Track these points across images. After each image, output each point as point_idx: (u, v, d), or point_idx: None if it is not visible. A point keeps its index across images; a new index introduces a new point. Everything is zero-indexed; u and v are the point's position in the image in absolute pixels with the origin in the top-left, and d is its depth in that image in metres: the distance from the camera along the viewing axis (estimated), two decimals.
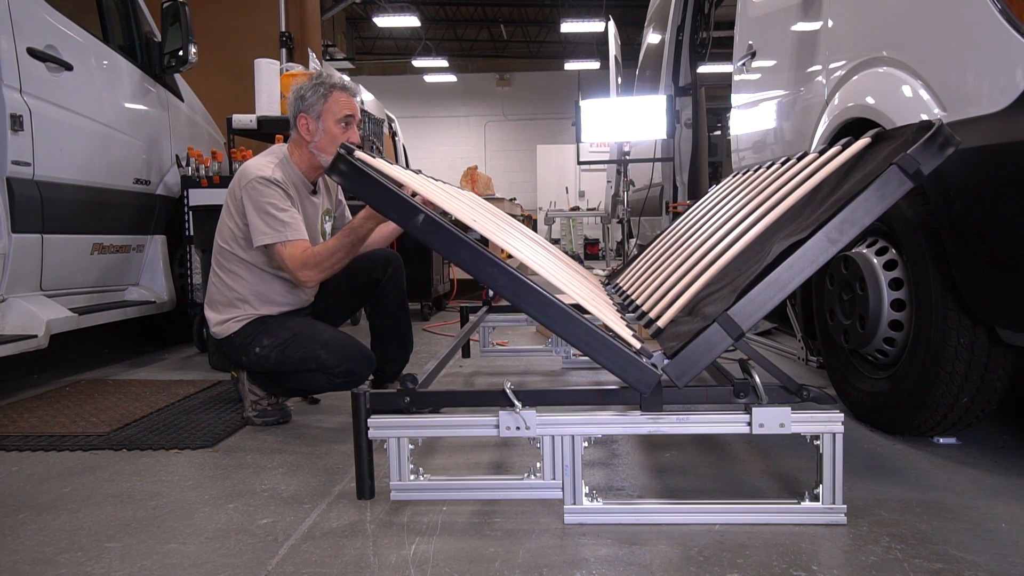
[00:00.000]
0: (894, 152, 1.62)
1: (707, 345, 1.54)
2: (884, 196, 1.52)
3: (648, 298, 2.19)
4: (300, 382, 2.42)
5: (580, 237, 14.02)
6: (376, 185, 1.67)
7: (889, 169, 1.52)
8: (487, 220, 2.02)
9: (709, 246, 2.06)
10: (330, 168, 1.74)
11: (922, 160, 1.52)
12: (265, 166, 2.36)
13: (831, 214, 1.55)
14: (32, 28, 2.98)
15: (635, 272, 2.90)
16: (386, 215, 1.73)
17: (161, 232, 3.94)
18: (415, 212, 1.63)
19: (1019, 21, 1.67)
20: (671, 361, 1.56)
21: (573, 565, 1.42)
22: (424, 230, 1.62)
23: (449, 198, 2.05)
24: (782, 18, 3.02)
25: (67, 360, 3.72)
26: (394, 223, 1.89)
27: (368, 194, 1.70)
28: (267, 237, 2.29)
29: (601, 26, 14.09)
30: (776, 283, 1.55)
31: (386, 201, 1.67)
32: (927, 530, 1.54)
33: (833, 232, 1.54)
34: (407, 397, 1.75)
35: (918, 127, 1.66)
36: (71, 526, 1.65)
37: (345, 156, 1.72)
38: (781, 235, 1.74)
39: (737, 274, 1.74)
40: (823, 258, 1.54)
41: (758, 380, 1.68)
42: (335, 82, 2.42)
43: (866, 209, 1.53)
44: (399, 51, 19.43)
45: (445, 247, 1.64)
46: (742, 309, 1.54)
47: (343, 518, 1.66)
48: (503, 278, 1.59)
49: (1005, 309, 1.78)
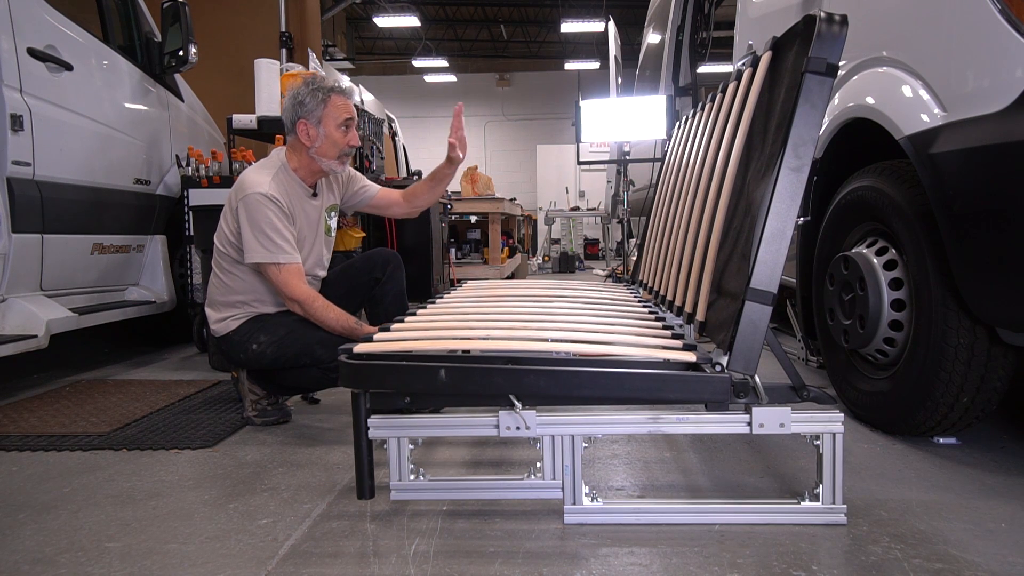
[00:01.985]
0: (798, 58, 1.65)
1: (751, 325, 1.57)
2: (815, 104, 1.56)
3: (675, 289, 2.23)
4: (297, 378, 2.42)
5: (580, 237, 14.01)
6: (389, 371, 1.67)
7: (804, 79, 1.55)
8: (499, 322, 2.03)
9: (699, 207, 2.10)
10: (341, 380, 1.70)
11: (826, 53, 1.55)
12: (262, 181, 2.36)
13: (780, 144, 1.58)
14: (32, 28, 2.98)
15: (650, 259, 2.91)
16: (413, 389, 1.71)
17: (161, 232, 3.94)
18: (435, 372, 1.62)
19: (1019, 21, 1.67)
20: (731, 355, 1.57)
21: (573, 565, 1.42)
22: (451, 382, 1.61)
23: (455, 319, 2.08)
24: (782, 18, 3.02)
25: (67, 360, 3.72)
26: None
27: (385, 384, 1.69)
28: (260, 256, 2.32)
29: (601, 26, 14.09)
30: (775, 235, 1.57)
31: (405, 379, 1.67)
32: (927, 530, 1.54)
33: (792, 160, 1.57)
34: (407, 397, 1.74)
35: (804, 22, 1.68)
36: (71, 526, 1.65)
37: (348, 363, 1.68)
38: (751, 174, 1.78)
39: (738, 236, 1.78)
40: (799, 188, 1.57)
41: (758, 380, 1.67)
42: (332, 86, 2.42)
43: (807, 125, 1.56)
44: (399, 51, 19.43)
45: (477, 386, 1.63)
46: (760, 274, 1.57)
47: (343, 518, 1.66)
48: (544, 380, 1.59)
49: (1005, 309, 1.78)
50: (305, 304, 2.32)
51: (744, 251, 1.65)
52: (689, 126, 2.79)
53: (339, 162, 2.46)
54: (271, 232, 2.30)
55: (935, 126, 1.87)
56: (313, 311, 2.32)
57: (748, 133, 1.91)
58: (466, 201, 6.82)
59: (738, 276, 1.66)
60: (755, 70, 1.97)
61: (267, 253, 2.31)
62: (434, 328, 2.00)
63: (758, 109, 1.91)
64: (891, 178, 2.11)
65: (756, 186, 1.66)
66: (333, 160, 2.44)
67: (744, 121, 1.92)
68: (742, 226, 1.76)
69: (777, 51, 1.90)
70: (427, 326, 2.03)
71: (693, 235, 2.10)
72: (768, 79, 1.91)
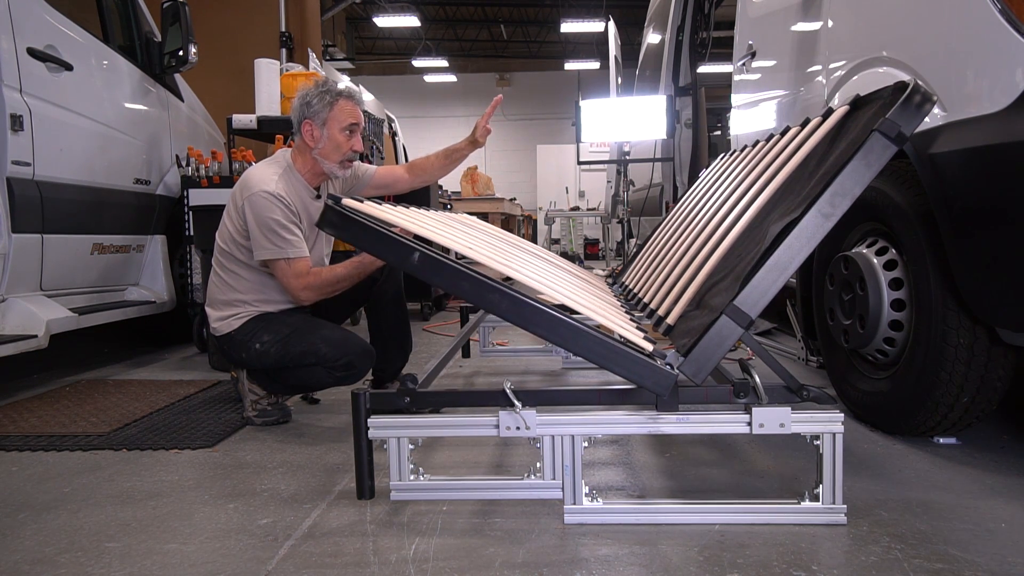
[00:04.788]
0: (874, 117, 1.63)
1: (719, 338, 1.55)
2: (870, 164, 1.53)
3: (655, 295, 2.20)
4: (300, 378, 2.42)
5: (580, 237, 14.02)
6: (368, 231, 1.67)
7: (871, 136, 1.53)
8: (483, 244, 2.01)
9: (707, 234, 2.07)
10: (320, 221, 1.73)
11: (902, 122, 1.53)
12: (268, 179, 2.37)
13: (821, 188, 1.56)
14: (32, 28, 2.98)
15: (639, 268, 2.90)
16: (383, 258, 1.73)
17: (161, 232, 3.94)
18: (410, 251, 1.62)
19: (1019, 21, 1.67)
20: (686, 359, 1.56)
21: (573, 565, 1.41)
22: (421, 267, 1.62)
23: (443, 227, 2.05)
24: (782, 18, 3.02)
25: (67, 360, 3.72)
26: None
27: (361, 241, 1.70)
28: (269, 253, 2.33)
29: (601, 26, 14.09)
30: (777, 266, 1.56)
31: (381, 245, 1.67)
32: (927, 530, 1.54)
33: (825, 207, 1.55)
34: (407, 397, 1.75)
35: (894, 88, 1.66)
36: (71, 526, 1.65)
37: (333, 207, 1.71)
38: (775, 214, 1.74)
39: (738, 261, 1.75)
40: (820, 234, 1.55)
41: (758, 380, 1.68)
42: (340, 90, 2.43)
43: (854, 179, 1.54)
44: (399, 51, 19.43)
45: (444, 281, 1.64)
46: (747, 297, 1.55)
47: (343, 518, 1.66)
48: (506, 303, 1.60)
49: (1005, 309, 1.78)
50: (312, 282, 2.34)
51: (740, 273, 1.64)
52: (723, 165, 2.77)
53: (340, 166, 2.46)
54: (279, 229, 2.31)
55: (935, 126, 1.87)
56: (321, 280, 2.34)
57: (790, 176, 1.89)
58: (466, 201, 6.83)
59: (724, 293, 1.64)
60: (824, 120, 1.95)
61: (276, 249, 2.32)
62: (421, 225, 1.99)
63: (811, 156, 1.89)
64: (891, 178, 2.11)
65: (778, 221, 1.64)
66: (334, 164, 2.44)
67: (792, 163, 1.90)
68: (746, 252, 1.74)
69: (854, 108, 1.88)
70: (416, 221, 2.01)
71: (693, 254, 2.07)
72: (834, 132, 1.88)
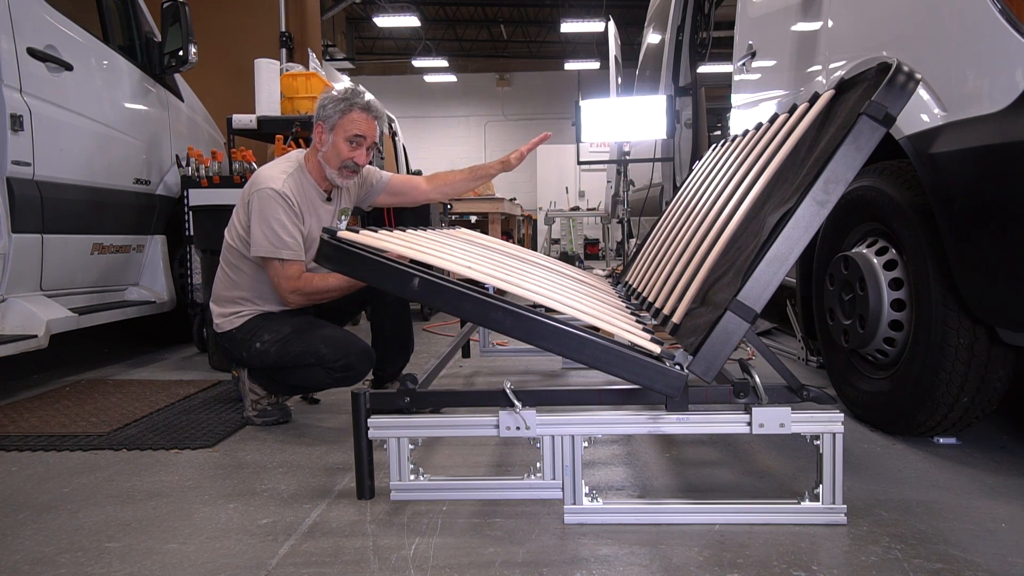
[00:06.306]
0: (860, 100, 1.62)
1: (725, 335, 1.55)
2: (860, 147, 1.53)
3: (658, 293, 2.20)
4: (300, 378, 2.42)
5: (580, 237, 14.02)
6: (365, 262, 1.66)
7: (859, 120, 1.53)
8: (483, 262, 2.01)
9: (707, 226, 2.07)
10: (317, 256, 1.72)
11: (888, 103, 1.52)
12: (278, 177, 2.38)
13: (813, 176, 1.56)
14: (32, 28, 2.98)
15: (641, 265, 2.90)
16: (383, 287, 1.72)
17: (161, 232, 3.94)
18: (409, 278, 1.62)
19: (1019, 21, 1.67)
20: (695, 358, 1.56)
21: (573, 565, 1.41)
22: (422, 292, 1.62)
23: (441, 249, 2.05)
24: (782, 18, 3.02)
25: (67, 360, 3.72)
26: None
27: (360, 272, 1.70)
28: (264, 250, 2.33)
29: (601, 26, 14.08)
30: (777, 258, 1.56)
31: (379, 275, 1.67)
32: (927, 530, 1.54)
33: (819, 194, 1.54)
34: (407, 397, 1.75)
35: (877, 69, 1.65)
36: (71, 526, 1.65)
37: (328, 241, 1.69)
38: (770, 204, 1.74)
39: (738, 254, 1.75)
40: (816, 222, 1.55)
41: (758, 380, 1.68)
42: (358, 101, 2.41)
43: (846, 164, 1.53)
44: (399, 51, 19.42)
45: (446, 304, 1.64)
46: (750, 291, 1.55)
47: (343, 518, 1.66)
48: (510, 320, 1.59)
49: (1005, 309, 1.78)
50: (302, 287, 2.34)
51: (740, 267, 1.64)
52: (718, 154, 2.77)
53: (339, 174, 2.44)
54: (278, 228, 2.32)
55: (935, 126, 1.87)
56: (312, 288, 2.34)
57: (782, 164, 1.89)
58: (466, 201, 6.82)
59: (727, 289, 1.64)
60: (811, 105, 1.95)
61: (272, 248, 2.32)
62: (419, 250, 1.99)
63: (801, 142, 1.89)
64: (891, 178, 2.11)
65: (773, 211, 1.64)
66: (334, 170, 2.43)
67: (783, 151, 1.90)
68: (745, 245, 1.74)
69: (840, 91, 1.88)
70: (413, 246, 2.01)
71: (693, 249, 2.07)
72: (822, 117, 1.88)
